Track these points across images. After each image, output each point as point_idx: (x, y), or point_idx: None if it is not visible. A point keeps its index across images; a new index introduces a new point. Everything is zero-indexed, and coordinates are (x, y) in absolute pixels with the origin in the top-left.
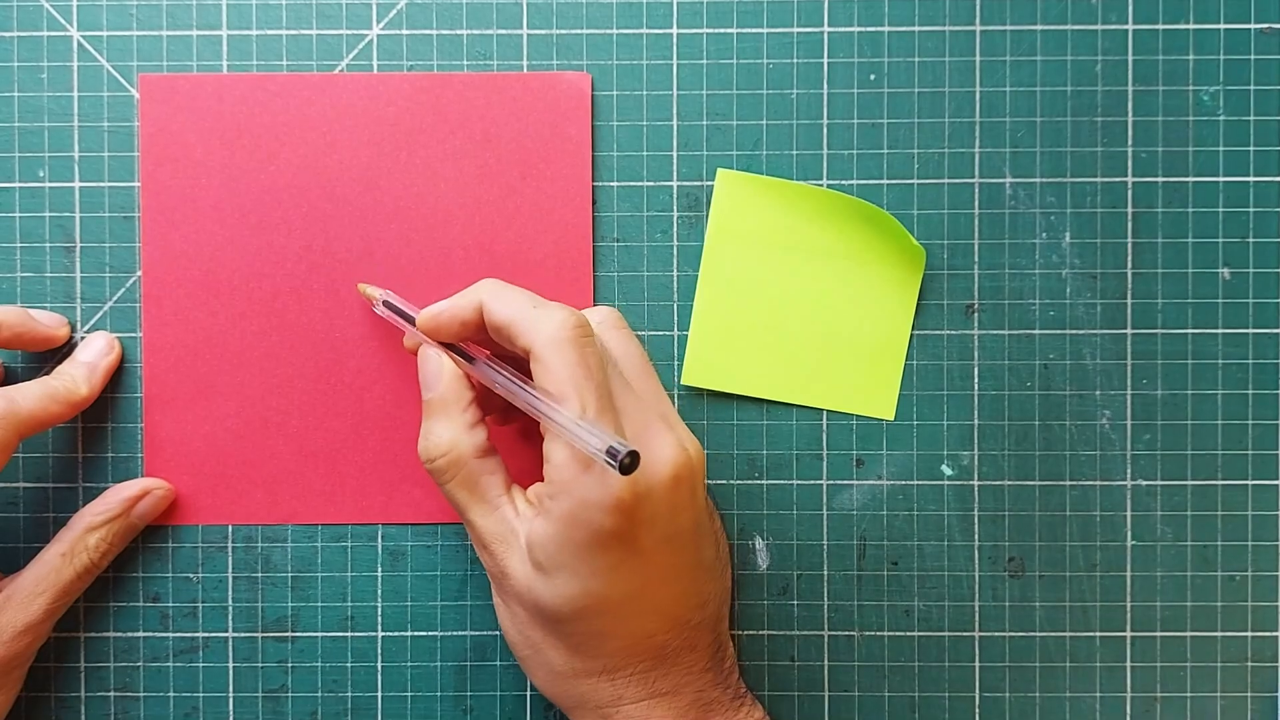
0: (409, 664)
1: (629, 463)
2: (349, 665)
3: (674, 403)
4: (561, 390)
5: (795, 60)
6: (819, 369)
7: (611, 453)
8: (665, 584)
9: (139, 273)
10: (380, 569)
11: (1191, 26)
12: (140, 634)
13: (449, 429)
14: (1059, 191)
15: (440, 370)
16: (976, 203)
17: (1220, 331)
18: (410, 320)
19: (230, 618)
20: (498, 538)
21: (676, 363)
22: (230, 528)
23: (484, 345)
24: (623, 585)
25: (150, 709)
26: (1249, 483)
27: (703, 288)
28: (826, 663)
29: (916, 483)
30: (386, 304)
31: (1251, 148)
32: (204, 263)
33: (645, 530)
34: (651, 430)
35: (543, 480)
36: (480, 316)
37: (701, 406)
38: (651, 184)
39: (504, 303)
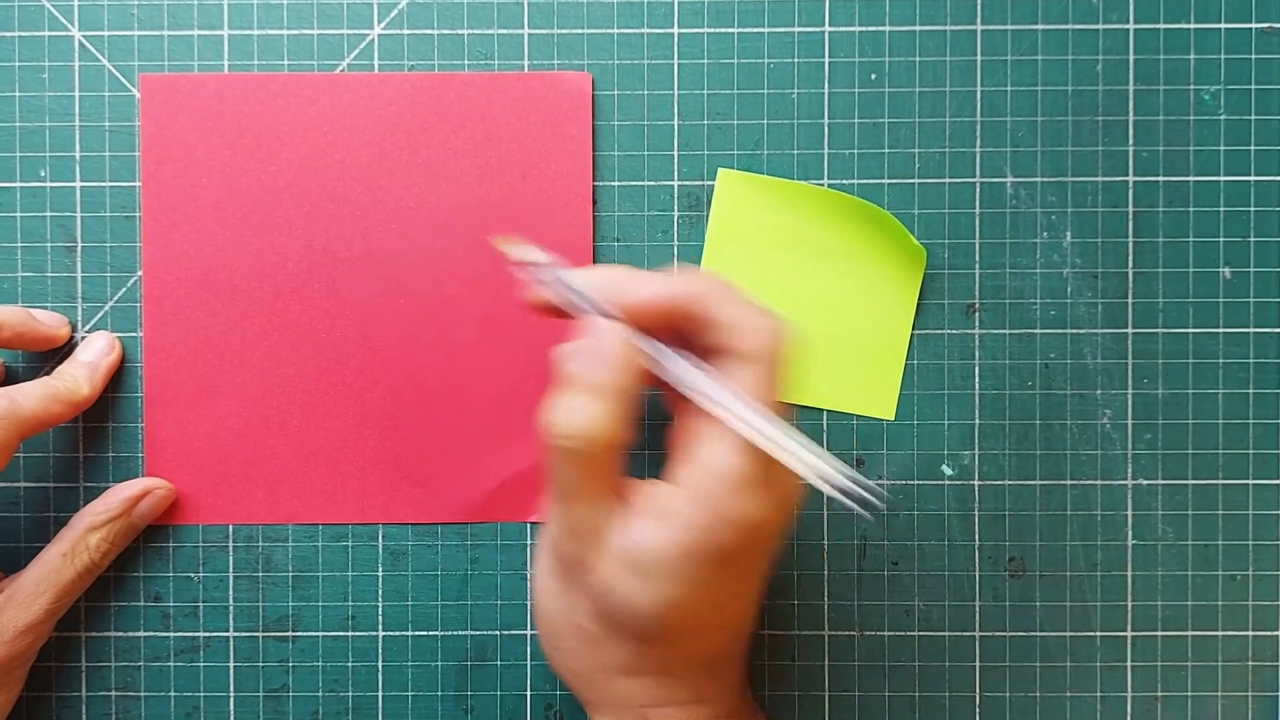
0: (410, 663)
1: (874, 505)
2: (350, 665)
3: None
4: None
5: (796, 60)
6: (819, 369)
7: (847, 493)
8: (743, 600)
9: (140, 272)
10: (381, 568)
11: (1192, 26)
12: (141, 633)
13: (599, 412)
14: (1060, 191)
15: (615, 349)
16: (977, 202)
17: (1221, 331)
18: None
19: (231, 617)
20: (593, 529)
21: None
22: (231, 527)
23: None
24: (713, 599)
25: (151, 708)
26: (1250, 482)
27: None
28: (827, 662)
29: (917, 482)
30: (542, 269)
31: (1252, 147)
32: (205, 262)
33: (754, 554)
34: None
35: (662, 482)
36: (673, 301)
37: None
38: (652, 183)
39: (732, 304)
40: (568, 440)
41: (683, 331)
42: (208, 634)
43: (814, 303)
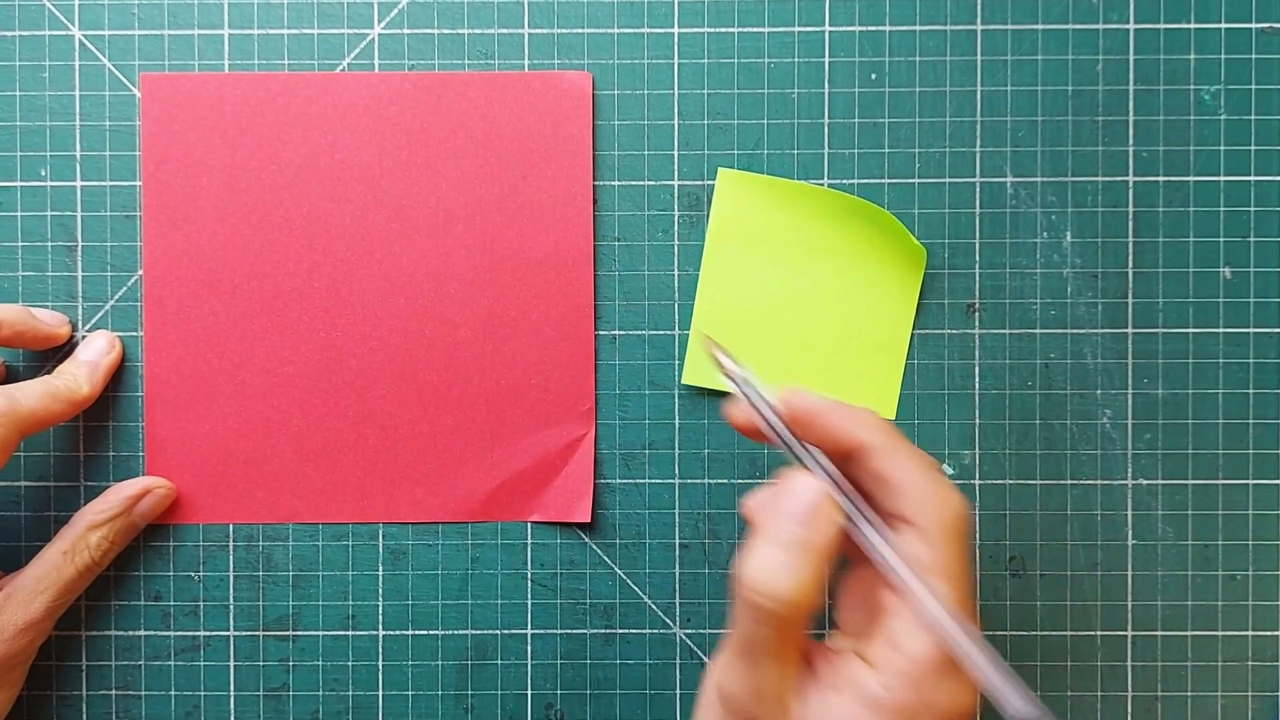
0: (410, 663)
1: None
2: (350, 664)
3: (674, 403)
4: (951, 592)
5: (797, 59)
6: (820, 368)
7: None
8: None
9: (140, 272)
10: (381, 568)
11: (1193, 26)
12: (142, 632)
13: (801, 573)
14: (1060, 191)
15: (820, 510)
16: (978, 202)
17: (1221, 331)
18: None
19: (231, 616)
20: (779, 694)
21: (677, 362)
22: (231, 527)
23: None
24: None
25: (152, 708)
26: (1249, 482)
27: (703, 287)
28: None
29: None
30: (742, 383)
31: (1252, 147)
32: (205, 262)
33: None
34: None
35: (856, 659)
36: (851, 447)
37: (702, 406)
38: (652, 183)
39: (900, 463)
40: (767, 600)
41: (852, 477)
42: (208, 633)
43: (814, 302)
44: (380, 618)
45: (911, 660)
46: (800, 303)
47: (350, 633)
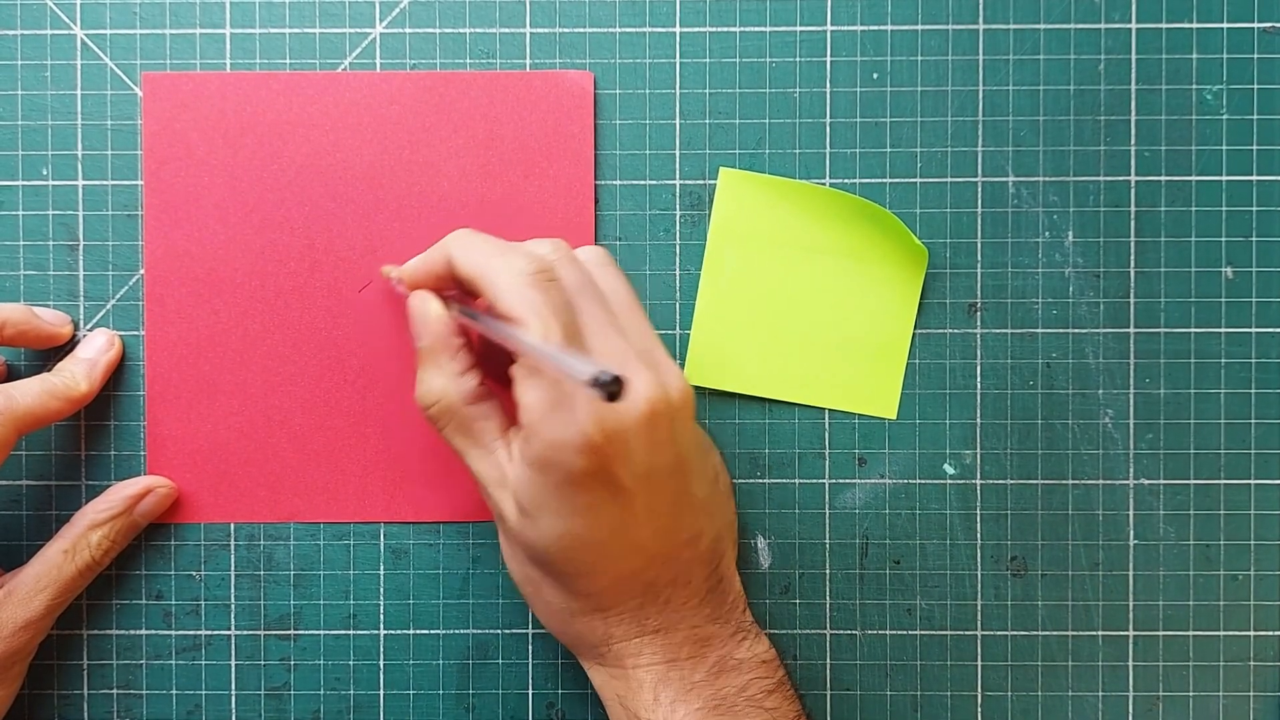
0: (411, 662)
1: (615, 389)
2: (351, 663)
3: None
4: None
5: (798, 59)
6: (821, 368)
7: (596, 380)
8: (647, 521)
9: (142, 271)
10: (382, 567)
11: (1195, 25)
12: (143, 632)
13: (439, 376)
14: (1062, 190)
15: (426, 317)
16: (979, 201)
17: (1223, 331)
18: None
19: (233, 616)
20: (493, 481)
21: (679, 362)
22: (233, 526)
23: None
24: (603, 524)
25: (153, 707)
26: (1251, 482)
27: (705, 286)
28: (829, 661)
29: (919, 481)
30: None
31: (1254, 147)
32: (207, 261)
33: (621, 468)
34: (628, 368)
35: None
36: (448, 271)
37: (704, 405)
38: (654, 182)
39: (469, 254)
40: (427, 410)
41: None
42: (209, 632)
43: (816, 301)
44: (381, 617)
45: (525, 408)
46: (802, 302)
47: (351, 632)
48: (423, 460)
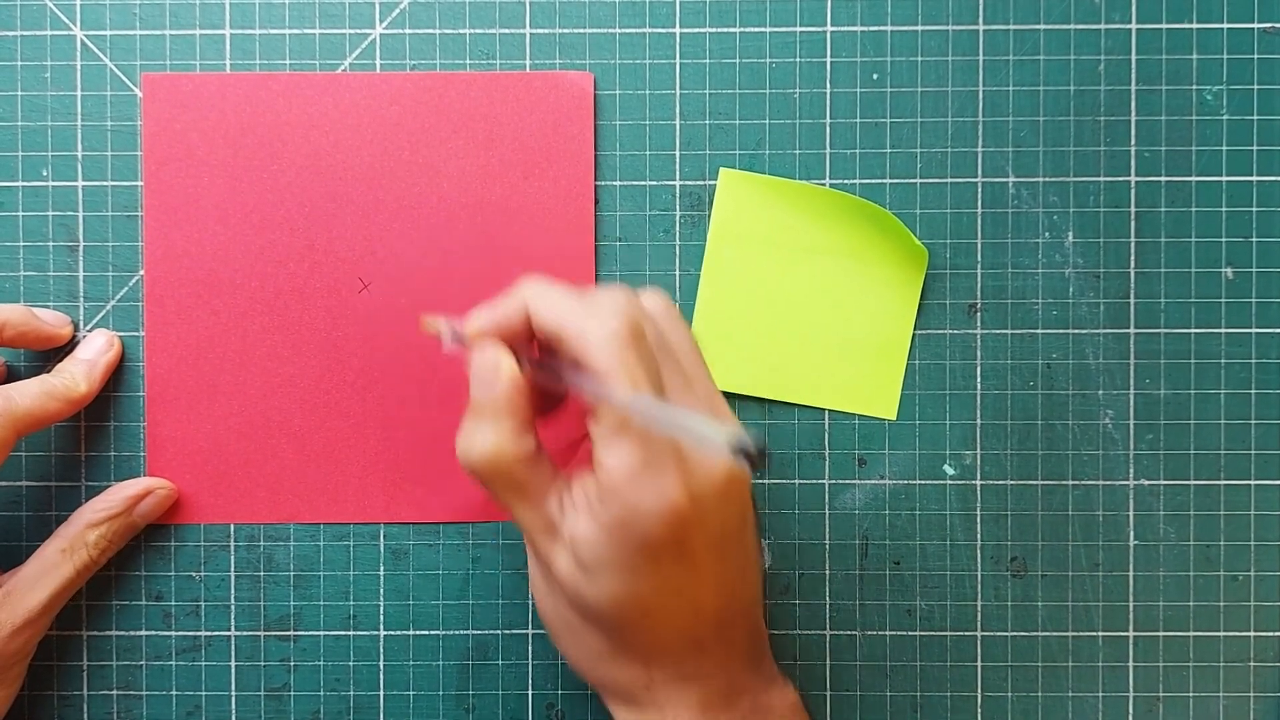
0: (411, 663)
1: (759, 459)
2: (351, 664)
3: None
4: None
5: (798, 59)
6: (821, 369)
7: (738, 448)
8: (711, 585)
9: (141, 272)
10: (382, 568)
11: (1195, 26)
12: (143, 632)
13: (494, 434)
14: (1062, 191)
15: (497, 372)
16: (979, 202)
17: (1223, 331)
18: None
19: (233, 616)
20: (540, 530)
21: None
22: (233, 526)
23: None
24: (666, 589)
25: (153, 707)
26: (1251, 482)
27: (704, 287)
28: (829, 662)
29: (919, 482)
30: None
31: (1254, 147)
32: (207, 262)
33: (698, 535)
34: None
35: (591, 476)
36: (527, 321)
37: None
38: (654, 183)
39: (549, 307)
40: (472, 467)
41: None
42: (209, 633)
43: (815, 302)
44: (381, 618)
45: (605, 470)
46: (801, 303)
47: (351, 633)
48: (423, 461)
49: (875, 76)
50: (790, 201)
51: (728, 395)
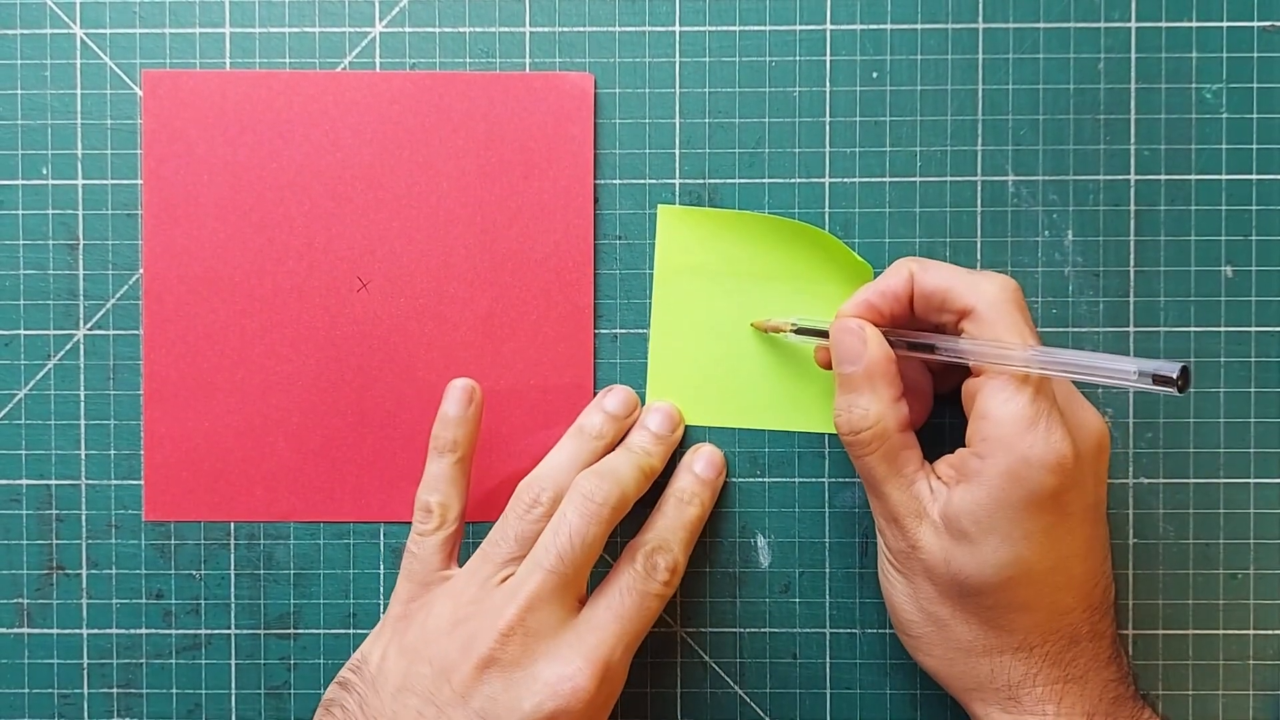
0: None
1: (1182, 382)
2: None
3: None
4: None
5: (798, 58)
6: (782, 392)
7: (1157, 375)
8: (1084, 557)
9: (141, 270)
10: (382, 566)
11: (1194, 24)
12: (143, 631)
13: (875, 402)
14: (1061, 189)
15: (865, 342)
16: (979, 200)
17: (1223, 330)
18: (823, 334)
19: (233, 614)
20: (911, 511)
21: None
22: (232, 525)
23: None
24: (1050, 553)
25: (153, 706)
26: (1251, 481)
27: (656, 326)
28: (829, 660)
29: None
30: (797, 330)
31: (1254, 146)
32: (206, 260)
33: (1076, 495)
34: (1075, 398)
35: (959, 453)
36: (907, 291)
37: None
38: (654, 182)
39: (936, 270)
40: (858, 435)
41: (922, 317)
42: (209, 631)
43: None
44: (381, 616)
45: (995, 423)
46: (754, 329)
47: (351, 631)
48: (422, 459)
49: (875, 75)
50: (731, 231)
51: (692, 429)
